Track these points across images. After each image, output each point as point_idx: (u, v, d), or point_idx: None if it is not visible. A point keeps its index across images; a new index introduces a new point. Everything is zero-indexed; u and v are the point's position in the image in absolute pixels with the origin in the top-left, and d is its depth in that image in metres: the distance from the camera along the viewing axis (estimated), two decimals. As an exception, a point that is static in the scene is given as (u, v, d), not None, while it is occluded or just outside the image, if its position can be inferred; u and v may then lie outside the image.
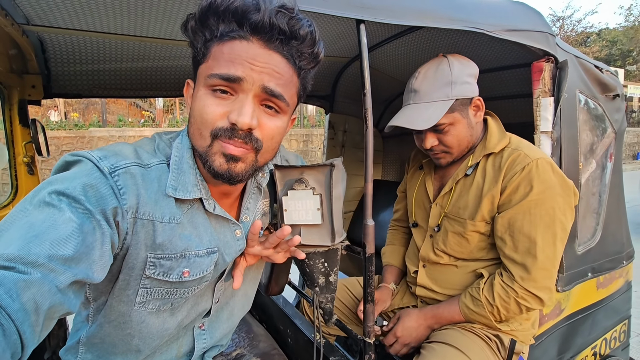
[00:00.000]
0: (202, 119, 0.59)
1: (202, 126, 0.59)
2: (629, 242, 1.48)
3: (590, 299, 1.28)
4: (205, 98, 0.59)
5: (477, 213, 0.99)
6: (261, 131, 0.61)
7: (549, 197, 0.91)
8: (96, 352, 0.70)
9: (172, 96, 1.67)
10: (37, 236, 0.46)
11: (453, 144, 1.01)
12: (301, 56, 0.61)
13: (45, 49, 1.18)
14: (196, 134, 0.61)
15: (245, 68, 0.56)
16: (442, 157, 1.05)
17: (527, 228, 0.92)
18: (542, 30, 1.02)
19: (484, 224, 0.99)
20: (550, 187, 0.91)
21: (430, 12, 0.80)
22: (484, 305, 0.96)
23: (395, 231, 1.37)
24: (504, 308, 0.94)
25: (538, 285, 0.91)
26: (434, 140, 1.01)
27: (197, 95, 0.60)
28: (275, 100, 0.60)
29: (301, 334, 1.05)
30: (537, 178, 0.91)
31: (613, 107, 1.34)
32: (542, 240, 0.91)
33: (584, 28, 22.45)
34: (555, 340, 1.16)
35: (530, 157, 0.94)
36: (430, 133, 1.01)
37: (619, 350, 1.47)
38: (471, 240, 1.02)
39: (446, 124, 0.98)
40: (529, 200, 0.92)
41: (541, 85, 1.04)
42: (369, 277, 0.80)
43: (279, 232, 0.69)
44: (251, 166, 0.63)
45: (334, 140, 2.07)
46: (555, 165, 0.95)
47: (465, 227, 1.02)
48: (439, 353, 0.91)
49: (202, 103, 0.59)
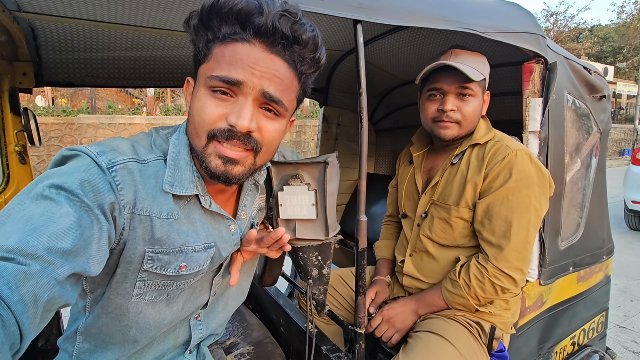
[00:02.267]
0: (200, 118, 0.59)
1: (199, 126, 0.59)
2: (609, 238, 1.55)
3: (571, 291, 1.33)
4: (205, 98, 0.59)
5: (461, 199, 1.04)
6: (260, 134, 0.61)
7: (525, 185, 0.97)
8: (93, 342, 0.71)
9: (166, 86, 1.65)
10: (35, 229, 0.46)
11: (468, 114, 1.04)
12: (303, 61, 0.61)
13: (37, 36, 1.16)
14: (193, 133, 0.61)
15: (246, 72, 0.57)
16: (451, 128, 1.06)
17: (504, 213, 0.98)
18: (533, 32, 1.05)
19: (467, 210, 1.04)
20: (528, 176, 0.97)
21: (425, 13, 0.81)
22: (461, 286, 1.01)
23: (388, 226, 1.41)
24: (480, 288, 0.99)
25: (510, 265, 0.97)
26: (454, 105, 1.04)
27: (197, 95, 0.60)
28: (274, 105, 0.60)
29: (293, 323, 1.08)
30: (515, 167, 0.97)
31: (599, 107, 1.38)
32: (517, 224, 0.97)
33: (577, 24, 22.61)
34: (536, 330, 1.21)
35: (510, 147, 1.00)
36: (454, 97, 1.04)
37: (597, 340, 1.54)
38: (455, 227, 1.07)
39: (473, 91, 1.03)
40: (507, 187, 0.98)
41: (531, 86, 1.07)
42: (361, 270, 0.83)
43: (273, 234, 0.70)
44: (249, 169, 0.63)
45: (328, 133, 2.09)
46: (533, 156, 1.01)
47: (450, 213, 1.07)
48: (424, 341, 0.95)
49: (201, 103, 0.59)
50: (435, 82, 1.06)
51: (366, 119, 0.75)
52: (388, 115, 2.23)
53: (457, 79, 1.01)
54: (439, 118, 1.06)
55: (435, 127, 1.09)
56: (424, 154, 1.23)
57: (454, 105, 1.04)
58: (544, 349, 1.27)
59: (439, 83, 1.05)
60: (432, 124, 1.09)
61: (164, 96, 8.61)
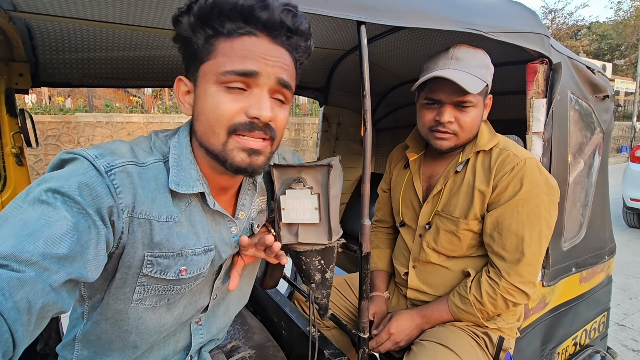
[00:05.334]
0: (216, 115, 0.59)
1: (217, 123, 0.59)
2: (611, 238, 1.54)
3: (573, 292, 1.33)
4: (218, 95, 0.59)
5: (469, 212, 1.01)
6: (275, 122, 0.63)
7: (535, 196, 0.94)
8: (93, 349, 0.70)
9: (165, 86, 1.63)
10: (31, 234, 0.46)
11: (466, 125, 0.99)
12: (298, 49, 0.64)
13: (33, 36, 1.14)
14: (208, 132, 0.61)
15: (260, 63, 0.58)
16: (448, 139, 1.01)
17: (514, 226, 0.95)
18: (537, 32, 1.03)
19: (476, 222, 1.01)
20: (537, 186, 0.95)
21: (430, 13, 0.80)
22: (472, 303, 0.98)
23: (378, 232, 1.33)
24: (492, 304, 0.97)
25: (523, 280, 0.95)
26: (452, 117, 0.98)
27: (208, 93, 0.60)
28: (285, 91, 0.63)
29: (295, 326, 1.07)
30: (525, 177, 0.94)
31: (602, 107, 1.37)
32: (529, 238, 0.94)
33: (575, 21, 22.60)
34: (539, 332, 1.21)
35: (518, 157, 0.97)
36: (452, 107, 0.98)
37: (598, 340, 1.54)
38: (463, 239, 1.04)
39: (472, 102, 0.97)
40: (517, 199, 0.95)
41: (535, 86, 1.05)
42: (364, 274, 0.82)
43: (262, 240, 0.71)
44: (268, 157, 0.66)
45: (328, 132, 2.07)
46: (540, 165, 0.98)
47: (458, 225, 1.03)
48: (429, 350, 0.93)
49: (215, 100, 0.59)
50: (432, 92, 0.99)
51: (370, 121, 0.74)
52: (388, 114, 2.22)
53: (455, 90, 0.94)
54: (435, 128, 1.01)
55: (431, 136, 1.03)
56: (420, 158, 1.17)
57: (451, 116, 0.98)
58: (547, 350, 1.26)
59: (436, 93, 0.98)
60: (428, 132, 1.04)
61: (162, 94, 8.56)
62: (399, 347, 1.06)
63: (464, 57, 0.97)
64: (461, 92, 0.94)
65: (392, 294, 1.23)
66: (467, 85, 0.91)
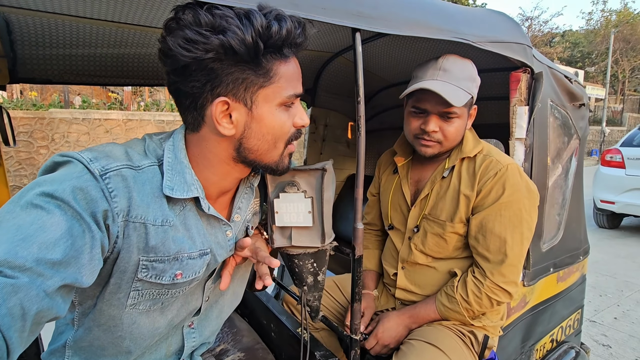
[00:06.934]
0: (282, 132, 0.67)
1: (280, 139, 0.67)
2: (585, 239, 1.62)
3: (551, 291, 1.39)
4: (281, 114, 0.66)
5: (455, 215, 1.04)
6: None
7: (516, 200, 0.99)
8: (84, 355, 0.69)
9: (150, 85, 1.60)
10: (25, 239, 0.45)
11: (450, 135, 1.03)
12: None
13: (12, 31, 1.09)
14: (271, 148, 0.67)
15: (300, 82, 0.68)
16: (432, 147, 1.05)
17: (498, 229, 0.99)
18: (521, 42, 1.07)
19: (462, 225, 1.05)
20: (519, 191, 0.99)
21: (422, 22, 0.82)
22: (458, 302, 1.02)
23: (367, 234, 1.38)
24: (477, 303, 1.01)
25: (507, 280, 0.99)
26: (437, 127, 1.02)
27: (274, 114, 0.65)
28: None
29: (285, 328, 1.07)
30: (507, 182, 0.99)
31: (579, 115, 1.44)
32: (512, 240, 0.99)
33: (550, 29, 23.49)
34: (520, 330, 1.26)
35: (501, 163, 1.02)
36: (437, 118, 1.02)
37: (573, 337, 1.62)
38: (449, 241, 1.08)
39: (457, 114, 1.01)
40: (500, 202, 0.99)
41: (518, 94, 1.10)
42: (357, 277, 0.83)
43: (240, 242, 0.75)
44: None
45: (315, 134, 2.08)
46: (521, 170, 1.03)
47: (444, 228, 1.06)
48: (417, 349, 0.96)
49: (281, 119, 0.66)
50: (419, 102, 1.03)
51: (364, 127, 0.75)
52: (374, 116, 2.25)
53: (441, 101, 0.97)
54: (420, 136, 1.05)
55: (416, 143, 1.08)
56: (408, 163, 1.21)
57: (436, 126, 1.02)
58: (526, 347, 1.32)
59: (422, 103, 1.02)
60: (414, 139, 1.08)
61: (142, 91, 8.34)
62: (389, 350, 1.08)
63: (452, 68, 1.00)
64: (447, 104, 0.97)
65: (380, 294, 1.26)
66: (452, 98, 0.96)
